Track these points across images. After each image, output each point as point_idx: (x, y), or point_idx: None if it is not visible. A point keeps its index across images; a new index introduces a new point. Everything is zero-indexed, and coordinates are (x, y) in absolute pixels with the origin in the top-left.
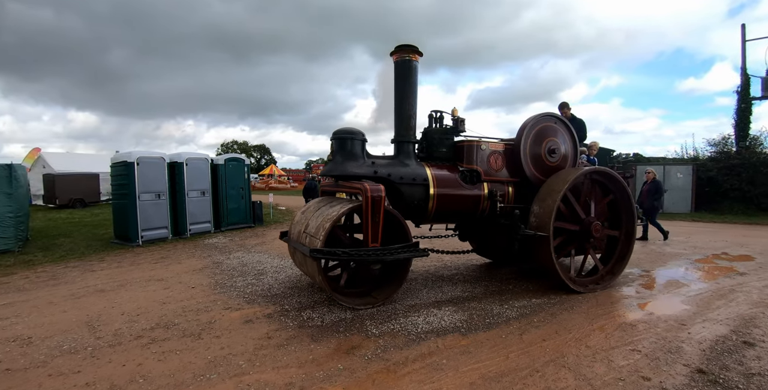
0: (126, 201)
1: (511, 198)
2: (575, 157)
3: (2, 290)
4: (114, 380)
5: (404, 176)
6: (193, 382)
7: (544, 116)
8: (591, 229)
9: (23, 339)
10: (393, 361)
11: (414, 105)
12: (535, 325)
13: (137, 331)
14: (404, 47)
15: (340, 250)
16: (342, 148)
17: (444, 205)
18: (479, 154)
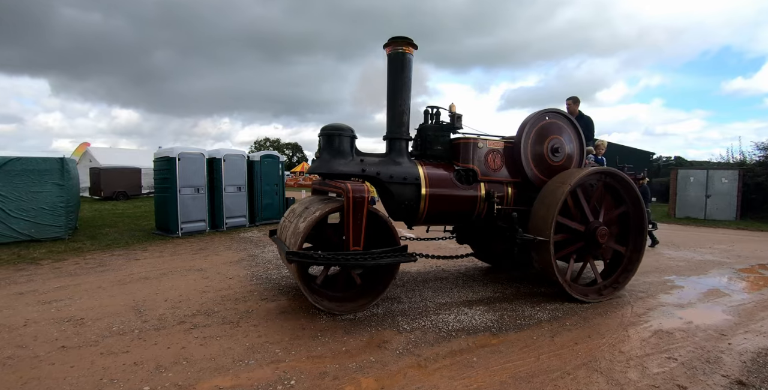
0: (167, 194)
1: (510, 199)
2: (581, 157)
3: (56, 274)
4: (159, 361)
5: (394, 175)
6: (232, 366)
7: (547, 113)
8: (596, 234)
9: (76, 320)
10: (424, 356)
11: (407, 100)
12: (567, 328)
13: (180, 316)
14: (398, 39)
15: (317, 254)
16: (329, 144)
17: (437, 206)
18: (476, 153)
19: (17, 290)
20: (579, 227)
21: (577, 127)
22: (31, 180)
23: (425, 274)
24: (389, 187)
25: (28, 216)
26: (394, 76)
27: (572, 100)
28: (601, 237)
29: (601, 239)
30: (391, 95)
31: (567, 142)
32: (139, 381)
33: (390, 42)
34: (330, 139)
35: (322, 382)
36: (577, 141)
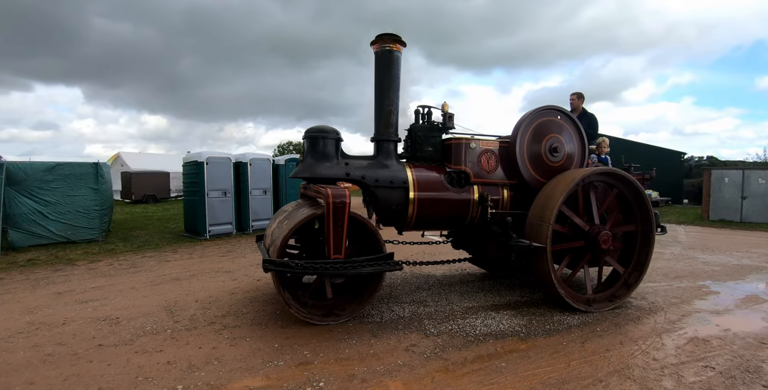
0: (196, 198)
1: (506, 202)
2: (583, 157)
3: (91, 275)
4: (192, 360)
5: (380, 179)
6: (262, 367)
7: (546, 110)
8: (599, 238)
9: (112, 319)
10: (451, 360)
11: (395, 100)
12: (598, 334)
13: (210, 317)
14: (385, 36)
15: (294, 262)
16: (313, 147)
17: (426, 210)
18: (468, 154)
19: (56, 290)
20: (583, 225)
21: (578, 125)
22: (67, 184)
23: (450, 278)
24: (375, 191)
25: (65, 219)
26: (381, 75)
27: (576, 96)
28: (603, 242)
29: (603, 244)
30: (378, 95)
31: (567, 141)
32: (172, 379)
33: (377, 39)
34: (314, 141)
35: (350, 385)
36: (579, 140)
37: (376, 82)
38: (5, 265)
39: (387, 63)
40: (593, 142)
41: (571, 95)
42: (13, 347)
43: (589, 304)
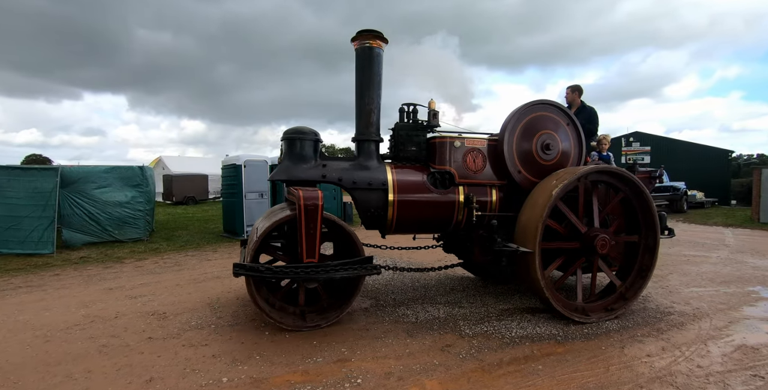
0: (234, 199)
1: (495, 204)
2: (580, 154)
3: (139, 272)
4: (235, 354)
5: (358, 181)
6: (302, 363)
7: (538, 104)
8: (596, 243)
9: (159, 314)
10: (487, 361)
11: (375, 98)
12: (639, 339)
13: (250, 314)
14: (365, 32)
15: (264, 266)
16: (290, 149)
17: (407, 213)
18: (452, 153)
19: (107, 286)
20: (579, 225)
21: (574, 120)
22: (116, 187)
23: (485, 280)
24: (353, 193)
25: (113, 219)
26: (360, 73)
27: (572, 89)
28: (601, 246)
29: (600, 249)
30: (359, 93)
31: (562, 138)
32: (218, 372)
33: (357, 36)
34: (291, 143)
35: (387, 382)
36: (575, 136)
37: (356, 80)
38: (60, 262)
39: (367, 60)
40: (593, 138)
41: (566, 89)
42: (71, 338)
43: (585, 313)
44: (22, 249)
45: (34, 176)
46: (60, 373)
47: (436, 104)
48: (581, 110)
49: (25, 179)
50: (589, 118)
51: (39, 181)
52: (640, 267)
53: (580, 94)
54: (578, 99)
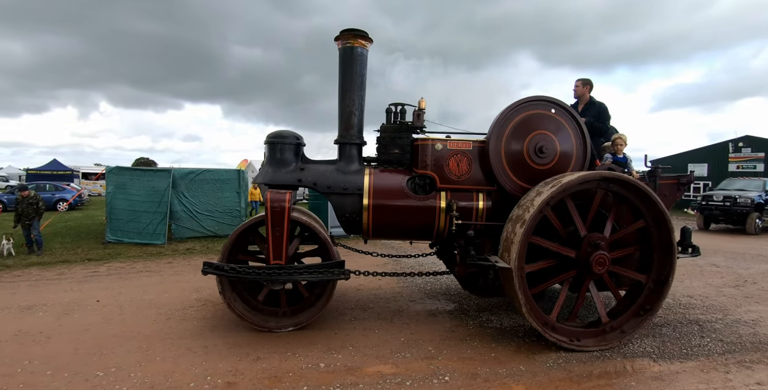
0: (319, 201)
1: (482, 212)
2: (584, 157)
3: None
4: (330, 343)
5: (333, 185)
6: (391, 356)
7: (531, 102)
8: (590, 261)
9: None
10: (575, 373)
11: (356, 100)
12: (747, 365)
13: (341, 308)
14: (347, 32)
15: (228, 266)
16: (271, 153)
17: (383, 219)
18: (433, 156)
19: None
20: (569, 252)
21: (577, 120)
22: (216, 187)
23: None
24: (329, 198)
25: (213, 216)
26: (342, 73)
27: (583, 82)
28: (597, 264)
29: (597, 267)
30: (340, 94)
31: (561, 140)
32: (315, 357)
33: (339, 35)
34: (271, 147)
35: (474, 382)
36: (578, 136)
37: (339, 81)
38: (170, 252)
39: (349, 60)
40: (605, 137)
41: (576, 82)
42: (188, 317)
43: (578, 338)
44: (140, 239)
45: (151, 177)
46: (182, 346)
47: (426, 103)
48: (590, 106)
49: (144, 179)
50: (599, 115)
51: (155, 181)
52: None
53: (590, 89)
54: (588, 94)
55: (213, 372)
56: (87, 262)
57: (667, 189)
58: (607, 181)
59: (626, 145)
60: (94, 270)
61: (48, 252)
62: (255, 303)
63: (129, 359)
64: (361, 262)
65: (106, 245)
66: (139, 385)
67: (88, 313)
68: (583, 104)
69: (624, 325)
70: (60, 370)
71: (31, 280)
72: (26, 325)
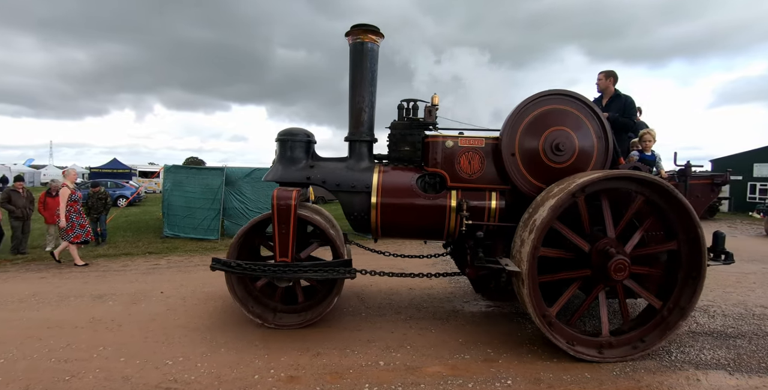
0: None
1: (495, 212)
2: (606, 155)
3: None
4: (387, 342)
5: (341, 183)
6: (450, 357)
7: (548, 96)
8: (609, 267)
9: None
10: (644, 382)
11: (366, 96)
12: None
13: (395, 307)
14: (357, 27)
15: (235, 262)
16: (282, 150)
17: (391, 217)
18: (444, 153)
19: None
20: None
21: (598, 114)
22: (266, 185)
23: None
24: (337, 195)
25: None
26: (352, 69)
27: (606, 74)
28: (616, 271)
29: (615, 274)
30: (351, 91)
31: (580, 136)
32: (374, 355)
33: (350, 30)
34: (282, 145)
35: (537, 387)
36: (599, 133)
37: (349, 77)
38: (223, 247)
39: (359, 56)
40: (631, 132)
41: (599, 74)
42: None
43: (600, 350)
44: (195, 234)
45: (206, 175)
46: (243, 338)
47: (439, 99)
48: (614, 100)
49: (199, 177)
50: (624, 109)
51: (210, 179)
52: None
53: (615, 81)
54: (612, 86)
55: (275, 365)
56: (148, 255)
57: (700, 190)
58: (620, 180)
59: (655, 141)
60: (155, 263)
61: (111, 245)
62: (267, 300)
63: (195, 349)
64: (411, 264)
65: (164, 239)
66: (206, 375)
67: (154, 303)
68: (608, 98)
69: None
70: (132, 357)
71: (99, 270)
72: (98, 312)
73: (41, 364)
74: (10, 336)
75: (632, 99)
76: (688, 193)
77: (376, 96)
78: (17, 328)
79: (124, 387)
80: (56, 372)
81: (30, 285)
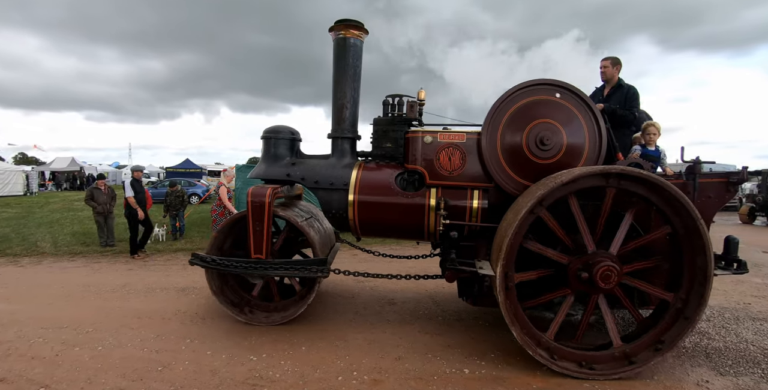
0: None
1: (477, 211)
2: (600, 150)
3: (357, 260)
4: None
5: (320, 180)
6: (538, 368)
7: (534, 85)
8: (595, 274)
9: (389, 300)
10: None
11: (348, 92)
12: None
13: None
14: (341, 23)
15: (210, 258)
16: (266, 147)
17: (369, 215)
18: (423, 149)
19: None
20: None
21: (590, 105)
22: None
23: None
24: (316, 193)
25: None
26: (335, 65)
27: (612, 62)
28: (603, 279)
29: (603, 282)
30: (334, 87)
31: (569, 129)
32: (457, 362)
33: (333, 26)
34: (266, 142)
35: None
36: (592, 126)
37: (333, 73)
38: None
39: (342, 52)
40: (632, 126)
41: (603, 61)
42: (325, 307)
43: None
44: None
45: None
46: (323, 338)
47: (425, 94)
48: (616, 90)
49: None
50: (626, 100)
51: None
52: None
53: (619, 69)
54: (617, 75)
55: (357, 367)
56: None
57: (713, 189)
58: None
59: (659, 134)
60: None
61: (188, 239)
62: (249, 297)
63: (276, 346)
64: None
65: None
66: (290, 374)
67: None
68: (610, 87)
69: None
70: (218, 351)
71: (179, 264)
72: (183, 305)
73: (135, 353)
74: (106, 324)
75: (636, 89)
76: (697, 192)
77: (359, 92)
78: (112, 317)
79: (212, 380)
80: (149, 362)
81: (120, 276)
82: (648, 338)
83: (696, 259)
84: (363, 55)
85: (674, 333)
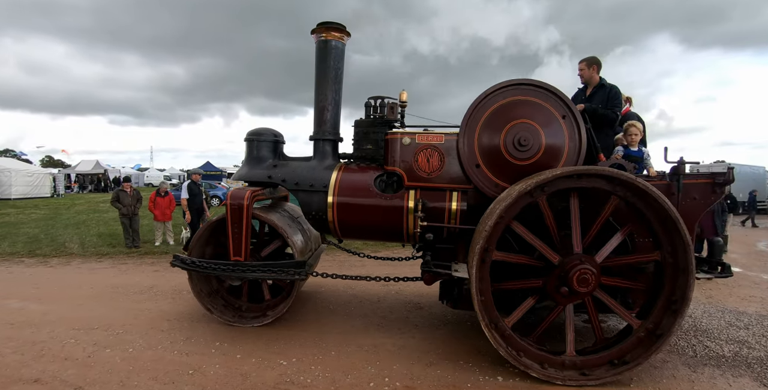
0: None
1: (456, 213)
2: (580, 151)
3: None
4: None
5: (301, 181)
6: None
7: (512, 85)
8: (570, 276)
9: (414, 303)
10: None
11: (329, 94)
12: None
13: None
14: (322, 25)
15: (190, 260)
16: (249, 150)
17: (348, 217)
18: (402, 151)
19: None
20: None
21: (569, 105)
22: None
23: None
24: (296, 194)
25: None
26: (317, 67)
27: (587, 62)
28: (581, 283)
29: (580, 286)
30: (315, 89)
31: (548, 130)
32: (490, 369)
33: (315, 28)
34: (249, 144)
35: None
36: (572, 127)
37: (315, 75)
38: None
39: (323, 54)
40: (615, 127)
41: (580, 63)
42: (351, 313)
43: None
44: None
45: None
46: (352, 342)
47: (406, 96)
48: (598, 90)
49: None
50: (609, 100)
51: None
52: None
53: (598, 69)
54: (596, 75)
55: (389, 373)
56: None
57: (698, 191)
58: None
59: (642, 135)
60: None
61: None
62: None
63: (305, 351)
64: None
65: None
66: (321, 379)
67: None
68: (592, 88)
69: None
70: (248, 356)
71: None
72: None
73: (166, 355)
74: (136, 326)
75: (618, 89)
76: (681, 194)
77: (341, 94)
78: (141, 319)
79: (243, 384)
80: (180, 365)
81: (147, 277)
82: (605, 355)
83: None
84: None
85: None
